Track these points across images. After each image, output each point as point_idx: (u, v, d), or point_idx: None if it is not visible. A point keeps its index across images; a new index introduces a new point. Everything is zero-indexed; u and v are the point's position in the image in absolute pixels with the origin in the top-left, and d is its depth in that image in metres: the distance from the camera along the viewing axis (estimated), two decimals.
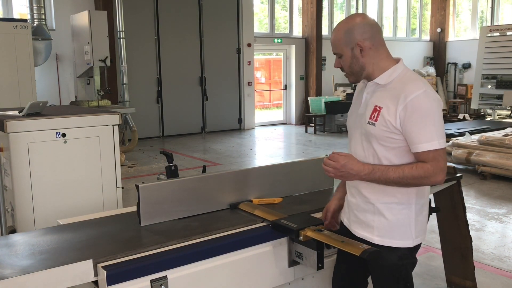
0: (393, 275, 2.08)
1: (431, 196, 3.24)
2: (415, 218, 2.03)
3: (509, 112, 13.41)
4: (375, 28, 2.01)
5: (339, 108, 12.61)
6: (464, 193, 3.36)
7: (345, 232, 2.19)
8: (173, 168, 2.81)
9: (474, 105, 13.41)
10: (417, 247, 2.10)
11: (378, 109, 1.95)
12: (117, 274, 1.83)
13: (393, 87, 1.96)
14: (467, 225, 3.42)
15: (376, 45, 1.99)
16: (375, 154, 1.99)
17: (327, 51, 14.43)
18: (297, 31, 14.50)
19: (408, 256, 2.07)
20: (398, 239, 2.03)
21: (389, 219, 2.02)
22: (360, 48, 1.98)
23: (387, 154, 1.97)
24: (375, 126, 1.96)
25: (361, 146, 2.05)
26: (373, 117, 1.96)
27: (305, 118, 13.40)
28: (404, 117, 1.89)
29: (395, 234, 2.03)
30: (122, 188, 3.57)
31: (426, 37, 17.61)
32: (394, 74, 1.99)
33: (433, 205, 3.11)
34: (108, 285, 1.81)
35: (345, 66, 2.05)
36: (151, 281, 1.90)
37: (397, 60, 2.04)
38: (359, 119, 2.06)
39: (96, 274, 1.87)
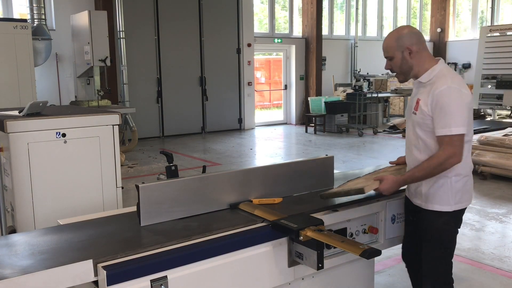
0: (436, 238, 2.52)
1: None
2: (451, 187, 2.45)
3: (509, 112, 13.41)
4: (420, 37, 2.50)
5: (339, 108, 12.61)
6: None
7: (408, 204, 2.70)
8: (173, 168, 2.81)
9: (474, 105, 13.40)
10: (458, 214, 2.51)
11: (418, 101, 2.44)
12: (117, 274, 1.83)
13: (430, 83, 2.41)
14: None
15: (421, 49, 2.46)
16: (418, 137, 2.48)
17: (327, 51, 14.44)
18: (297, 31, 14.50)
19: (450, 222, 2.49)
20: (439, 204, 2.47)
21: (432, 188, 2.47)
22: (409, 51, 2.44)
23: (425, 136, 2.44)
24: (416, 115, 2.46)
25: (412, 132, 2.54)
26: (416, 108, 2.46)
27: (305, 118, 13.40)
28: (432, 107, 2.36)
29: (436, 200, 2.47)
30: (122, 188, 3.57)
31: (426, 37, 17.61)
32: (433, 73, 2.44)
33: None
34: (108, 285, 1.81)
35: (395, 67, 2.51)
36: (151, 281, 1.90)
37: (437, 61, 2.48)
38: (409, 111, 2.57)
39: (96, 274, 1.87)
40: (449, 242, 2.55)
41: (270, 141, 11.49)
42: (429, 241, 2.56)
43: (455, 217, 2.52)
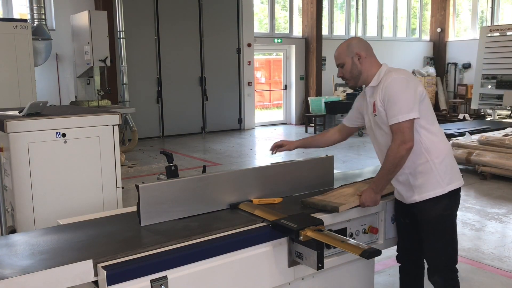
0: (439, 226, 2.56)
1: None
2: (436, 170, 2.50)
3: (509, 112, 13.41)
4: (368, 45, 2.66)
5: (339, 108, 12.60)
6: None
7: (399, 206, 2.72)
8: (173, 168, 2.81)
9: (474, 105, 13.40)
10: (454, 196, 2.55)
11: (374, 103, 2.57)
12: (117, 274, 1.83)
13: (380, 83, 2.54)
14: None
15: (369, 55, 2.62)
16: (385, 134, 2.55)
17: (327, 51, 14.43)
18: (297, 31, 14.50)
19: (449, 206, 2.55)
20: (432, 191, 2.52)
21: (420, 178, 2.52)
22: (358, 57, 2.58)
23: (389, 132, 2.51)
24: (377, 115, 2.57)
25: (380, 136, 2.61)
26: (375, 110, 2.57)
27: (305, 118, 13.40)
28: (384, 102, 2.49)
29: (428, 188, 2.52)
30: (122, 188, 3.56)
31: (426, 37, 17.61)
32: (380, 75, 2.57)
33: None
34: (108, 285, 1.81)
35: (346, 72, 2.62)
36: (151, 281, 1.90)
37: (380, 65, 2.63)
38: (371, 118, 2.65)
39: (96, 274, 1.87)
40: (452, 227, 2.61)
41: (270, 141, 11.47)
42: (433, 232, 2.59)
43: (453, 200, 2.57)
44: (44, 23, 9.27)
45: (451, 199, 2.56)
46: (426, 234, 2.62)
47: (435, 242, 2.60)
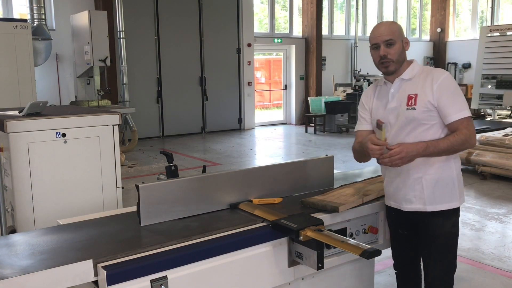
0: (446, 244, 2.44)
1: None
2: (457, 178, 2.41)
3: (509, 112, 13.41)
4: None
5: (339, 108, 12.61)
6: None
7: (396, 216, 2.55)
8: (173, 168, 2.81)
9: (474, 105, 13.40)
10: (459, 211, 2.46)
11: (413, 96, 2.35)
12: (117, 274, 1.83)
13: (418, 77, 2.38)
14: None
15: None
16: (416, 134, 2.35)
17: (327, 51, 14.44)
18: (297, 31, 14.50)
19: (456, 223, 2.44)
20: (447, 203, 2.38)
21: (437, 185, 2.37)
22: (406, 43, 2.42)
23: (425, 132, 2.34)
24: (415, 109, 2.34)
25: (406, 131, 2.37)
26: (411, 103, 2.34)
27: (305, 118, 13.40)
28: (438, 95, 2.29)
29: (444, 198, 2.39)
30: (122, 188, 3.56)
31: (426, 37, 17.62)
32: (414, 70, 2.41)
33: None
34: (108, 285, 1.81)
35: (395, 53, 2.37)
36: (151, 281, 1.90)
37: (411, 61, 2.46)
38: (394, 112, 2.40)
39: (96, 274, 1.87)
40: (456, 246, 2.49)
41: (270, 141, 11.48)
42: (438, 250, 2.45)
43: (459, 217, 2.46)
44: (44, 23, 9.28)
45: (458, 215, 2.45)
46: (430, 251, 2.48)
47: (439, 261, 2.46)
